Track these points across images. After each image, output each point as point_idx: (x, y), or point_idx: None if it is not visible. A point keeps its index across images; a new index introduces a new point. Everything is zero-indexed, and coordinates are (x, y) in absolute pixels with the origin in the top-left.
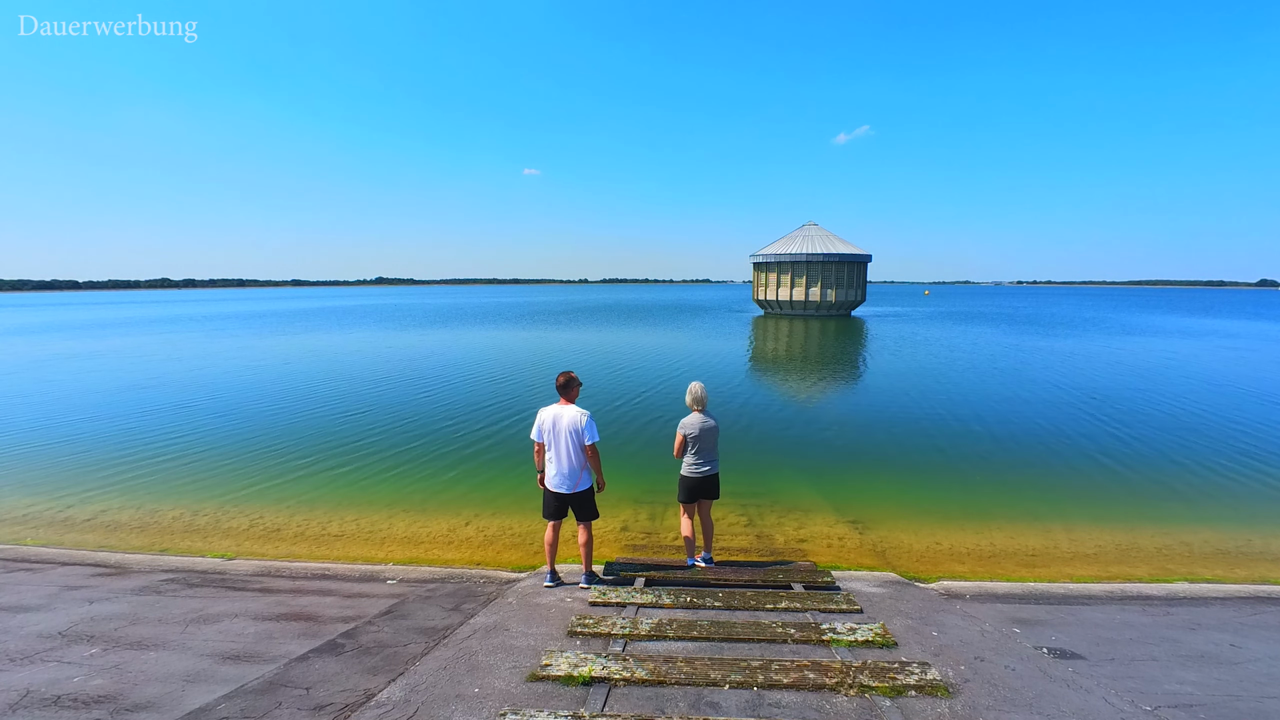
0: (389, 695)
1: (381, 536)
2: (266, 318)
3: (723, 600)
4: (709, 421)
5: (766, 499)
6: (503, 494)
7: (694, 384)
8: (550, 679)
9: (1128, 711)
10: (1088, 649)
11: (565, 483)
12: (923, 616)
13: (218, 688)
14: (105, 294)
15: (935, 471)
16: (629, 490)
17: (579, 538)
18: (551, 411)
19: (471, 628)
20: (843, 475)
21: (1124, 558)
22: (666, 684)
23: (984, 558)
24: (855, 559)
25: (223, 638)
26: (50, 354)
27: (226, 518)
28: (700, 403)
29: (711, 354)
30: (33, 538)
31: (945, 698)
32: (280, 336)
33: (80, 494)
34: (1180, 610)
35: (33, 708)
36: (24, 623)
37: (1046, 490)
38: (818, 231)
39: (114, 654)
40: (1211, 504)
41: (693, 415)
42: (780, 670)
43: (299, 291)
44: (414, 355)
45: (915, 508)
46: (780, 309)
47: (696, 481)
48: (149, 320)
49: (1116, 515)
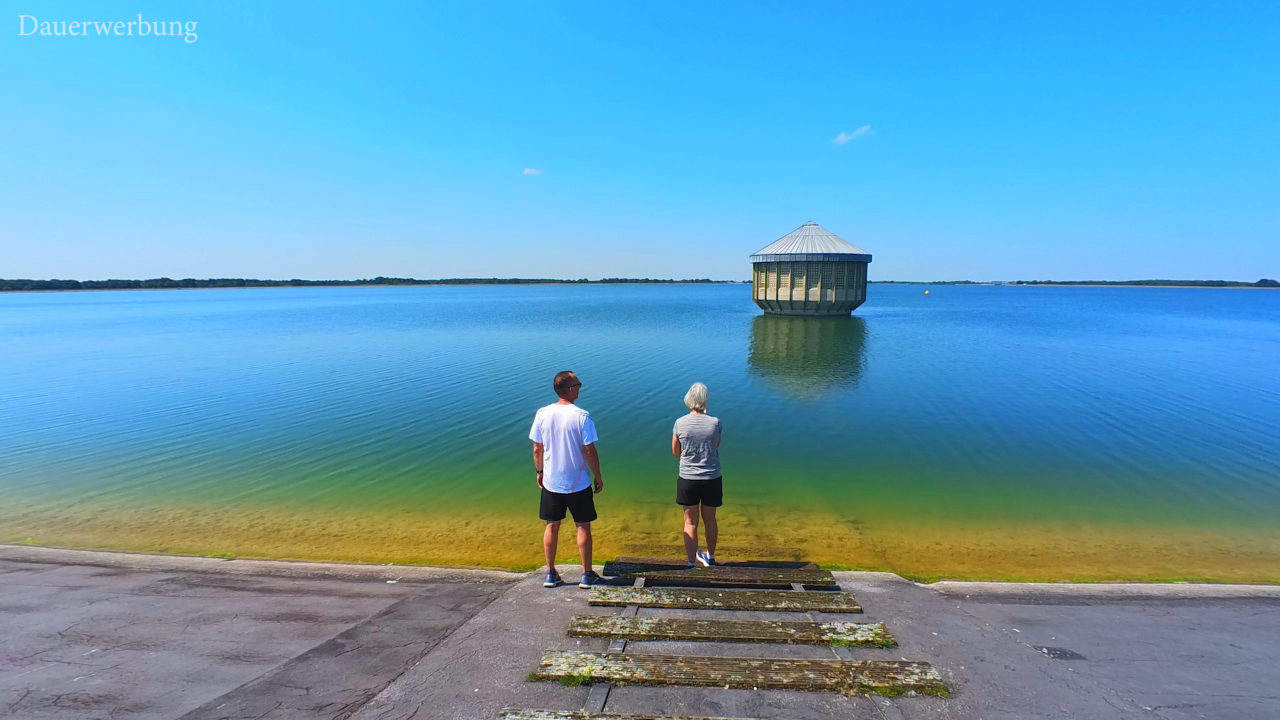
0: (389, 695)
1: (381, 536)
2: (267, 317)
3: (723, 600)
4: (703, 422)
5: (766, 499)
6: (503, 494)
7: (695, 384)
8: (550, 679)
9: (1128, 711)
10: (1088, 649)
11: (564, 483)
12: (923, 616)
13: (218, 688)
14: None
15: (935, 471)
16: (629, 490)
17: (578, 538)
18: (550, 412)
19: (471, 628)
20: (843, 475)
21: (1124, 558)
22: (666, 684)
23: (984, 558)
24: (855, 559)
25: (223, 638)
26: (52, 354)
27: (226, 518)
28: (698, 402)
29: (711, 354)
30: (33, 538)
31: (945, 698)
32: (280, 336)
33: (80, 494)
34: (1180, 610)
35: (33, 708)
36: (24, 623)
37: (1046, 490)
38: (818, 231)
39: (114, 654)
40: (1211, 504)
41: (688, 415)
42: (780, 670)
43: (299, 291)
44: (414, 355)
45: (915, 508)
46: (780, 309)
47: (690, 484)
48: (150, 320)
49: (1116, 515)
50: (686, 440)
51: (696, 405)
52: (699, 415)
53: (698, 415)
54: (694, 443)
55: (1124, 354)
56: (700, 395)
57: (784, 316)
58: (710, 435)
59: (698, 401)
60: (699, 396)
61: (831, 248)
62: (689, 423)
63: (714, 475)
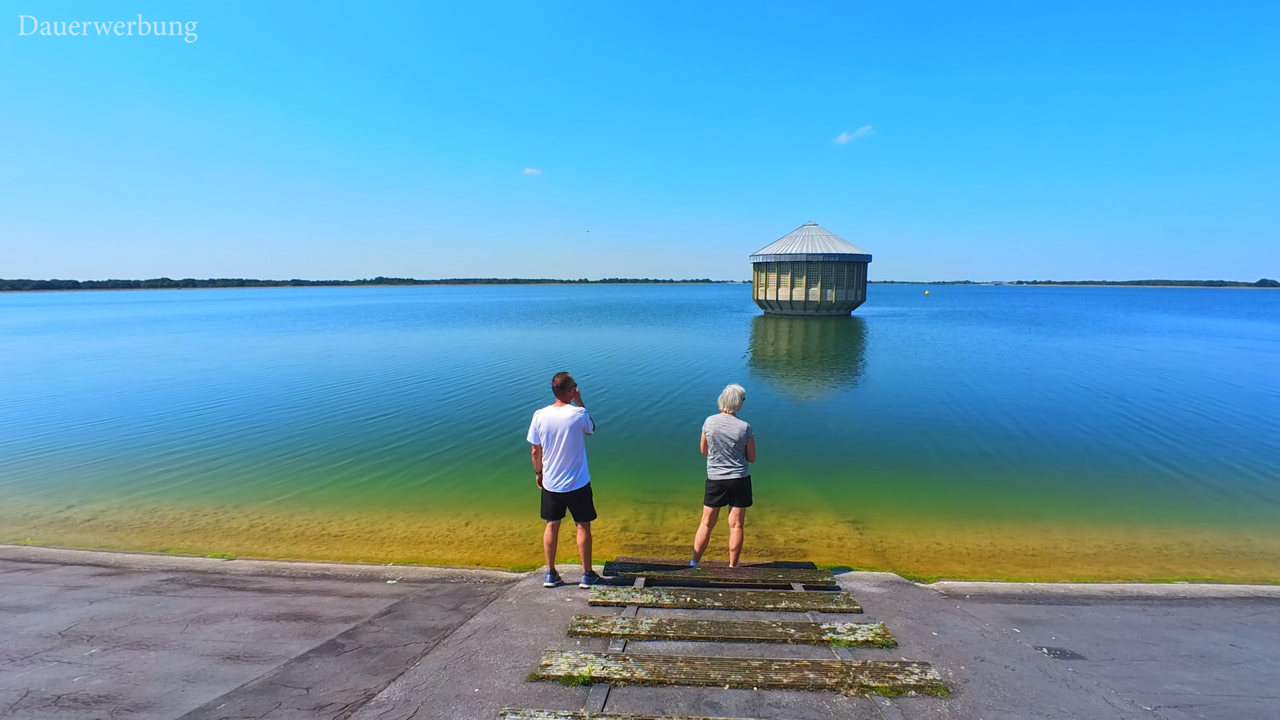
0: (389, 695)
1: (381, 536)
2: (267, 317)
3: (723, 600)
4: (729, 425)
5: (766, 499)
6: (503, 494)
7: (728, 386)
8: (550, 679)
9: (1128, 711)
10: (1088, 649)
11: (562, 483)
12: (923, 616)
13: (218, 688)
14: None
15: (935, 471)
16: (629, 490)
17: (577, 538)
18: (547, 413)
19: (471, 628)
20: (843, 475)
21: (1124, 558)
22: (666, 684)
23: (984, 558)
24: (855, 559)
25: (223, 638)
26: (61, 354)
27: (226, 518)
28: (727, 405)
29: (712, 354)
30: (33, 538)
31: (945, 698)
32: (279, 336)
33: (80, 494)
34: (1180, 610)
35: (33, 708)
36: (24, 623)
37: (1047, 490)
38: (818, 231)
39: (114, 654)
40: (1212, 504)
41: (717, 415)
42: (780, 670)
43: (299, 291)
44: (413, 355)
45: (915, 508)
46: (780, 309)
47: (714, 484)
48: (151, 320)
49: (1116, 515)
50: (711, 440)
51: (727, 408)
52: (727, 417)
53: (726, 417)
54: (717, 444)
55: (1124, 352)
56: (729, 398)
57: (784, 316)
58: (733, 439)
59: (728, 405)
60: (728, 399)
61: (831, 248)
62: (715, 423)
63: (742, 475)
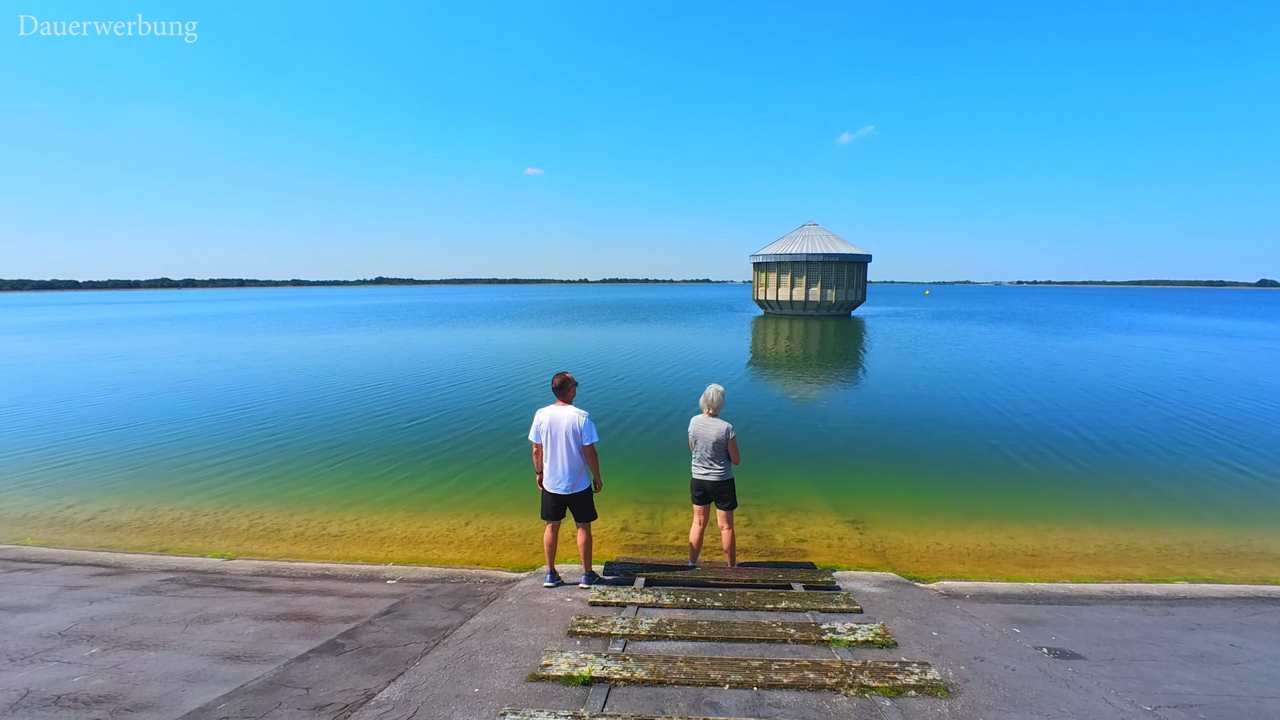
0: (389, 695)
1: (381, 536)
2: (268, 317)
3: (723, 600)
4: (709, 425)
5: (766, 499)
6: (503, 494)
7: (709, 387)
8: (550, 679)
9: (1128, 711)
10: (1088, 649)
11: (563, 483)
12: (923, 616)
13: (218, 688)
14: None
15: (935, 471)
16: (629, 490)
17: (578, 538)
18: (549, 413)
19: (471, 628)
20: (843, 475)
21: (1124, 558)
22: (666, 684)
23: (984, 558)
24: (855, 559)
25: (223, 638)
26: (76, 355)
27: (226, 518)
28: (709, 405)
29: (711, 354)
30: (33, 538)
31: (945, 698)
32: (279, 336)
33: (80, 494)
34: (1180, 610)
35: (33, 708)
36: (24, 623)
37: (1047, 490)
38: (818, 231)
39: (114, 654)
40: (1212, 504)
41: (698, 415)
42: (780, 670)
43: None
44: (413, 355)
45: (915, 508)
46: (780, 309)
47: (695, 483)
48: (152, 320)
49: (1116, 515)
50: (693, 440)
51: (708, 409)
52: (707, 418)
53: (706, 417)
54: (698, 444)
55: (1123, 352)
56: (711, 398)
57: (784, 316)
58: (712, 439)
59: (709, 405)
60: (709, 399)
61: (831, 248)
62: (697, 424)
63: (721, 476)
